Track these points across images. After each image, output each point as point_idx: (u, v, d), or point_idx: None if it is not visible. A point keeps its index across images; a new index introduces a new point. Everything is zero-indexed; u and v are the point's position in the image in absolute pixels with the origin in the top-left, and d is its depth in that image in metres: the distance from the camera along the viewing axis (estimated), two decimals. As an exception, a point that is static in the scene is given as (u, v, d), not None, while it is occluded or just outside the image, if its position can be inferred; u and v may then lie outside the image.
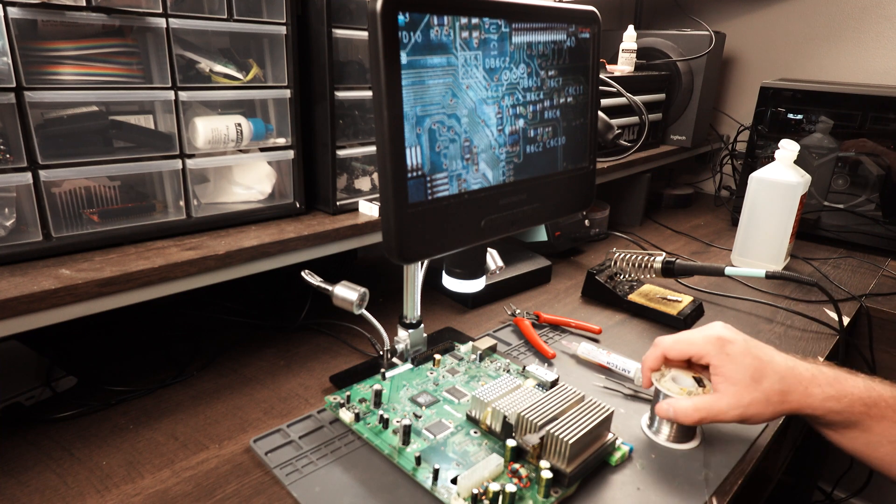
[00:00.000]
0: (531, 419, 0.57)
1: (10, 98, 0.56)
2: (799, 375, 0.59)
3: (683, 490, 0.57)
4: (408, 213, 0.50)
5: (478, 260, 0.68)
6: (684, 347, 0.63)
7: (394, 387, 0.69)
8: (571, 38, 0.62)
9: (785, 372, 0.59)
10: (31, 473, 0.57)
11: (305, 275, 0.71)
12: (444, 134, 0.51)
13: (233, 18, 0.69)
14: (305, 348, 0.82)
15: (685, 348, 0.63)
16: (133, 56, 0.65)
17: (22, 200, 0.60)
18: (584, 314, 0.95)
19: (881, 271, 1.17)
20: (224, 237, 0.71)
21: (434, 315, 0.93)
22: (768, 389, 0.58)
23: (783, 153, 1.08)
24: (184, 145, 0.69)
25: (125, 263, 0.62)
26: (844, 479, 1.44)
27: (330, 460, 0.59)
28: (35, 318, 0.55)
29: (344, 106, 0.79)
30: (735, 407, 0.58)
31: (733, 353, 0.60)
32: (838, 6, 1.47)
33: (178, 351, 0.80)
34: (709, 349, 0.61)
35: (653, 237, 1.35)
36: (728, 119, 1.70)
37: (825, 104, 1.27)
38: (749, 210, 1.12)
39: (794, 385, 0.59)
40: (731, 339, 0.61)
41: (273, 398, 0.71)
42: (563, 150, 0.64)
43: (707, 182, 1.77)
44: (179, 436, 0.64)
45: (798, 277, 0.87)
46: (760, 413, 0.58)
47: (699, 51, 1.41)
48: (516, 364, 0.75)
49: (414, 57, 0.48)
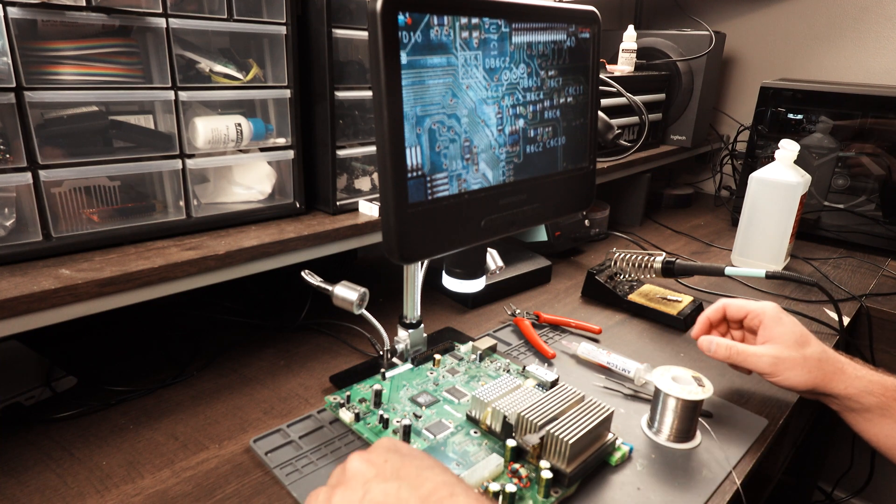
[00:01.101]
0: (531, 419, 0.57)
1: (10, 98, 0.56)
2: (837, 357, 0.66)
3: (683, 490, 0.57)
4: (408, 213, 0.50)
5: (478, 260, 0.68)
6: (743, 304, 0.71)
7: (394, 387, 0.69)
8: (571, 38, 0.62)
9: (827, 349, 0.66)
10: (31, 473, 0.57)
11: (305, 275, 0.71)
12: (444, 134, 0.51)
13: (233, 18, 0.69)
14: (305, 348, 0.82)
15: (744, 305, 0.71)
16: (133, 56, 0.65)
17: (22, 200, 0.60)
18: (584, 314, 0.95)
19: (881, 271, 1.17)
20: (224, 237, 0.71)
21: (434, 315, 0.93)
22: (808, 355, 0.64)
23: (783, 153, 1.08)
24: (184, 145, 0.69)
25: (125, 263, 0.62)
26: (844, 479, 1.44)
27: (330, 460, 0.59)
28: (35, 318, 0.55)
29: (344, 106, 0.79)
30: (770, 356, 0.64)
31: (786, 320, 0.67)
32: (838, 6, 1.47)
33: (178, 351, 0.80)
34: (766, 311, 0.68)
35: (653, 237, 1.35)
36: (728, 119, 1.70)
37: (825, 104, 1.27)
38: (749, 210, 1.12)
39: (833, 360, 0.64)
40: (786, 314, 0.69)
41: (273, 398, 0.71)
42: (563, 150, 0.64)
43: (707, 182, 1.77)
44: (179, 436, 0.64)
45: (798, 277, 0.87)
46: (793, 371, 0.63)
47: (699, 51, 1.41)
48: (516, 364, 0.75)
49: (414, 57, 0.48)
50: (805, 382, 0.63)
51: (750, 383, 0.77)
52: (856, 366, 0.65)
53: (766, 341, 0.66)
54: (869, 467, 1.37)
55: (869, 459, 1.38)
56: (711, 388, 0.63)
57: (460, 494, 0.41)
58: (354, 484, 0.42)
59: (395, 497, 0.40)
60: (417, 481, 0.42)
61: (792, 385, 0.64)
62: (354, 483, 0.42)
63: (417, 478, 0.42)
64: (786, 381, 0.64)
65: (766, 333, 0.67)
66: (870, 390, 0.62)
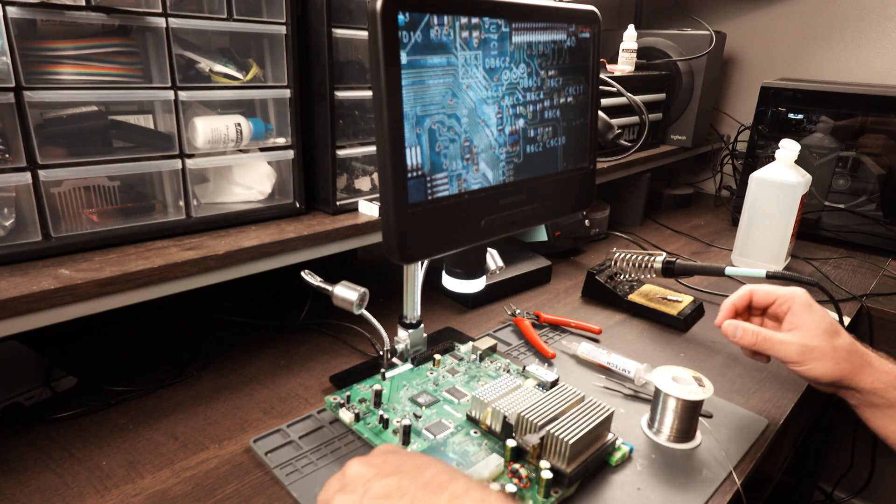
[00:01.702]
0: (531, 419, 0.57)
1: (9, 98, 0.56)
2: (865, 350, 0.63)
3: (683, 490, 0.57)
4: (408, 213, 0.50)
5: (478, 260, 0.68)
6: (771, 290, 0.67)
7: (394, 387, 0.69)
8: (571, 38, 0.62)
9: (855, 342, 0.64)
10: (31, 473, 0.57)
11: (305, 275, 0.71)
12: (444, 134, 0.51)
13: (233, 18, 0.69)
14: (305, 348, 0.82)
15: (772, 291, 0.67)
16: (133, 56, 0.64)
17: (21, 200, 0.60)
18: (584, 314, 0.95)
19: (882, 271, 1.17)
20: (224, 237, 0.71)
21: (434, 315, 0.93)
22: (838, 345, 0.61)
23: (784, 153, 1.08)
24: (183, 145, 0.69)
25: (125, 263, 0.62)
26: (845, 480, 1.44)
27: (330, 460, 0.59)
28: (35, 318, 0.55)
29: (344, 106, 0.79)
30: (798, 344, 0.61)
31: (816, 309, 0.64)
32: (839, 6, 1.47)
33: (178, 351, 0.80)
34: (797, 297, 0.65)
35: (653, 237, 1.35)
36: (728, 119, 1.70)
37: (825, 104, 1.27)
38: (749, 210, 1.11)
39: (861, 353, 0.62)
40: (815, 302, 0.66)
41: (273, 398, 0.71)
42: (563, 149, 0.64)
43: (707, 182, 1.77)
44: (179, 436, 0.63)
45: (799, 277, 0.86)
46: (821, 362, 0.61)
47: (699, 50, 1.41)
48: (516, 364, 0.75)
49: (414, 57, 0.47)
50: (832, 374, 0.61)
51: (750, 383, 0.77)
52: (882, 360, 0.62)
53: (794, 328, 0.63)
54: (869, 467, 1.37)
55: (869, 459, 1.38)
56: (711, 388, 0.63)
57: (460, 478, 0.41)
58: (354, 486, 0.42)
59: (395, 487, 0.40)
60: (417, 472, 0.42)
61: (817, 376, 0.61)
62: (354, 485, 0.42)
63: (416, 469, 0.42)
64: (811, 372, 0.61)
65: (794, 320, 0.64)
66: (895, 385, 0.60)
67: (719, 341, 0.87)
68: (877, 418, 0.62)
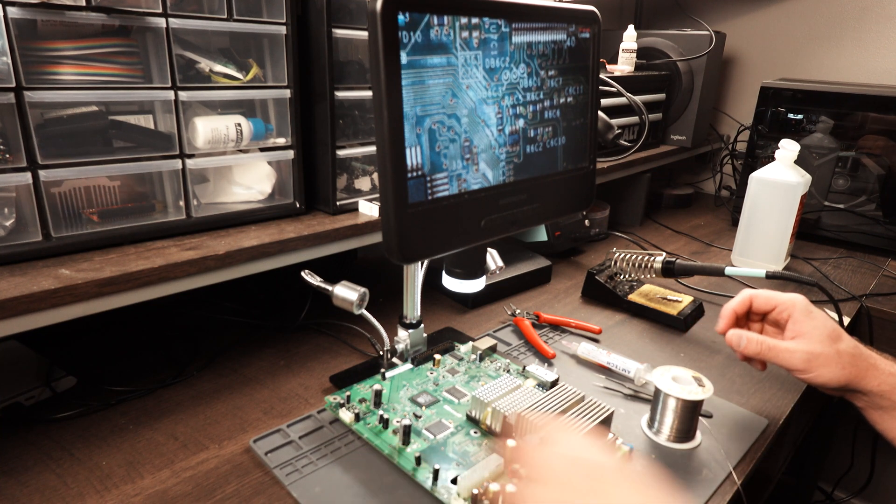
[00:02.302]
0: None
1: (9, 98, 0.56)
2: (869, 352, 0.63)
3: (683, 490, 0.57)
4: (408, 213, 0.50)
5: (478, 260, 0.68)
6: (772, 296, 0.67)
7: (394, 387, 0.69)
8: (571, 38, 0.62)
9: (859, 345, 0.63)
10: (31, 473, 0.57)
11: (305, 275, 0.71)
12: (444, 134, 0.51)
13: (233, 18, 0.69)
14: (305, 348, 0.82)
15: (772, 297, 0.66)
16: (133, 56, 0.64)
17: (22, 200, 0.60)
18: (584, 314, 0.95)
19: (881, 271, 1.17)
20: (224, 237, 0.71)
21: (434, 315, 0.93)
22: (842, 350, 0.61)
23: (783, 153, 1.08)
24: (184, 145, 0.69)
25: (125, 263, 0.62)
26: (845, 480, 1.44)
27: (330, 460, 0.59)
28: (35, 318, 0.55)
29: (344, 106, 0.79)
30: (803, 352, 0.61)
31: (816, 315, 0.64)
32: (839, 6, 1.47)
33: (178, 351, 0.80)
34: (796, 304, 0.64)
35: (653, 237, 1.35)
36: (728, 119, 1.70)
37: (825, 104, 1.27)
38: (749, 210, 1.11)
39: (865, 356, 0.62)
40: (815, 307, 0.65)
41: (273, 398, 0.71)
42: (563, 149, 0.64)
43: (707, 182, 1.77)
44: (179, 436, 0.63)
45: (798, 277, 0.86)
46: (827, 368, 0.60)
47: (699, 51, 1.41)
48: (516, 364, 0.75)
49: (414, 57, 0.48)
50: (839, 379, 0.60)
51: (750, 383, 0.77)
52: (887, 362, 0.62)
53: (796, 336, 0.63)
54: (869, 467, 1.37)
55: (869, 459, 1.38)
56: (711, 388, 0.63)
57: None
58: None
59: None
60: None
61: (824, 382, 0.61)
62: None
63: None
64: (819, 378, 0.61)
65: (796, 328, 0.63)
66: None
67: (719, 341, 0.87)
68: (884, 420, 0.62)
